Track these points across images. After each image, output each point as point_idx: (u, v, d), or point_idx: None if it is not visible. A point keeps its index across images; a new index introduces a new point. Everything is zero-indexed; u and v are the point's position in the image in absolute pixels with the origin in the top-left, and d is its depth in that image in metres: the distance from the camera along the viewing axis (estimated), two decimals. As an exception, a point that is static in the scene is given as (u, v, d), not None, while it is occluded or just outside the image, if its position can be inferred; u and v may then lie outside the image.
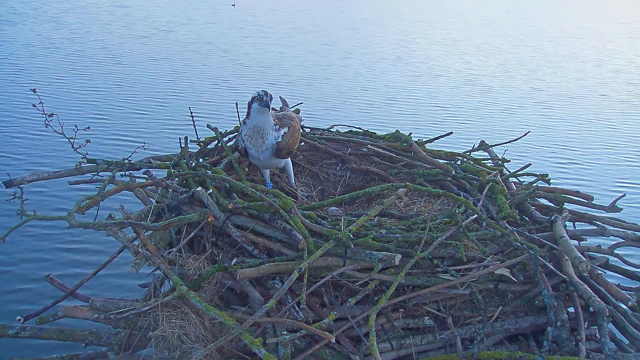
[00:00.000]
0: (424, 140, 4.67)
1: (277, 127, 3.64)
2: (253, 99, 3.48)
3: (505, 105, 12.59)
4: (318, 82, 13.81)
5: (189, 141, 4.26)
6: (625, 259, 3.89)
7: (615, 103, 13.38)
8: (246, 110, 3.60)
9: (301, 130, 4.27)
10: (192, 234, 3.19)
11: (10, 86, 11.22)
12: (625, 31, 29.02)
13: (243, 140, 3.68)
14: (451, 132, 4.93)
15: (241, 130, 3.71)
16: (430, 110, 11.83)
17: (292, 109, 4.58)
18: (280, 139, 3.62)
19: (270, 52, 17.36)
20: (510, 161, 4.49)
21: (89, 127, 4.08)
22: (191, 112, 4.61)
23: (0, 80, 11.72)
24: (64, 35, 17.37)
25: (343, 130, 4.94)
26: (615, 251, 3.82)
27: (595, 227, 3.76)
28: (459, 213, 3.22)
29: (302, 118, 4.57)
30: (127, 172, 3.87)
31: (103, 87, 11.73)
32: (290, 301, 2.79)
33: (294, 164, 4.23)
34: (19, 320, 2.99)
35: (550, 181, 4.11)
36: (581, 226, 3.83)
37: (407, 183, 3.60)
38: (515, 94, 13.73)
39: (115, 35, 18.19)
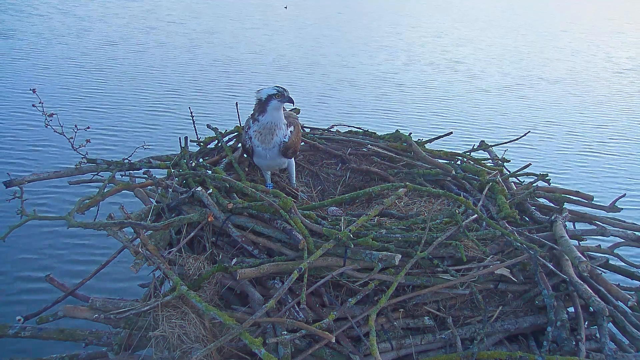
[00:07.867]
0: (424, 140, 4.67)
1: (286, 124, 3.64)
2: (271, 96, 3.45)
3: (505, 105, 12.59)
4: (318, 81, 13.81)
5: (189, 141, 4.26)
6: (625, 259, 3.89)
7: (617, 103, 13.38)
8: (256, 107, 3.56)
9: (301, 131, 4.27)
10: (192, 234, 3.19)
11: (10, 86, 11.21)
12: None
13: (250, 138, 3.64)
14: (451, 132, 4.94)
15: (248, 127, 3.66)
16: (430, 109, 11.83)
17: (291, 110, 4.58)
18: (287, 138, 3.61)
19: (271, 50, 17.36)
20: (510, 161, 4.49)
21: (89, 127, 4.09)
22: (191, 112, 4.61)
23: (0, 79, 11.73)
24: (64, 33, 17.36)
25: (343, 130, 4.95)
26: (615, 251, 3.82)
27: (595, 227, 3.77)
28: (459, 213, 3.23)
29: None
30: (127, 172, 3.87)
31: (103, 87, 11.72)
32: (290, 301, 2.79)
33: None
34: (19, 320, 2.99)
35: (550, 181, 4.11)
36: (581, 226, 3.83)
37: (407, 183, 3.59)
38: (515, 94, 13.72)
39: (116, 33, 18.15)
